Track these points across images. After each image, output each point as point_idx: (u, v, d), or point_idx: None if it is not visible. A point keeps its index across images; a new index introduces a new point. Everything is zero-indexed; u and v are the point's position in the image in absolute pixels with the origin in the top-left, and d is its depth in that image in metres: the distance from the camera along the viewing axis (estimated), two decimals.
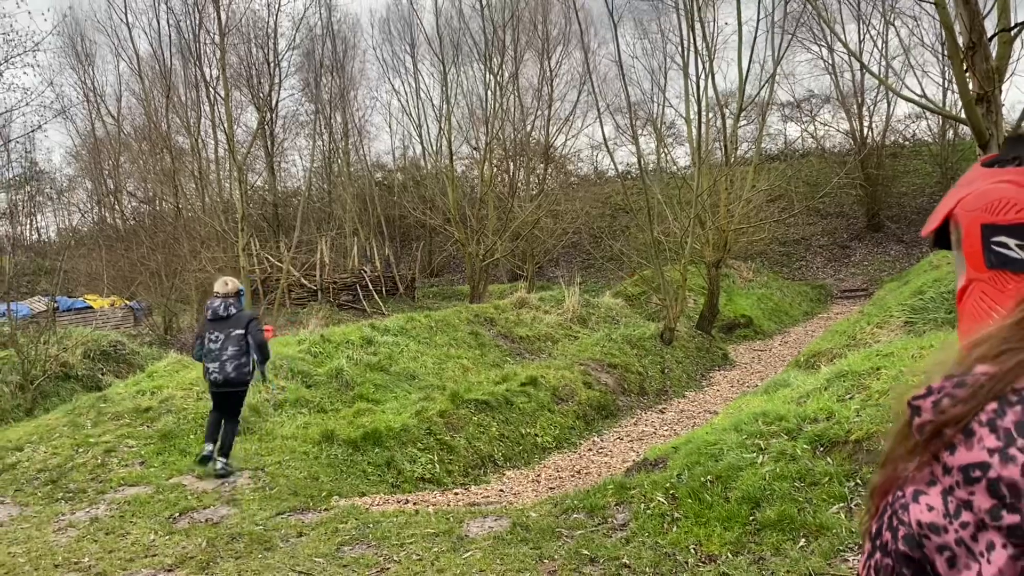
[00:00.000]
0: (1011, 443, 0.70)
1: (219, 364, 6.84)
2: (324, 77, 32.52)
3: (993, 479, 0.70)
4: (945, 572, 0.73)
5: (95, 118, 35.01)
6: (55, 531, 5.93)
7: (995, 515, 0.71)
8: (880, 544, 0.78)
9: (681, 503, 4.84)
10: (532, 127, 29.19)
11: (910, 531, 0.76)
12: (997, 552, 0.69)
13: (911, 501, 0.76)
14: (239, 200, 23.89)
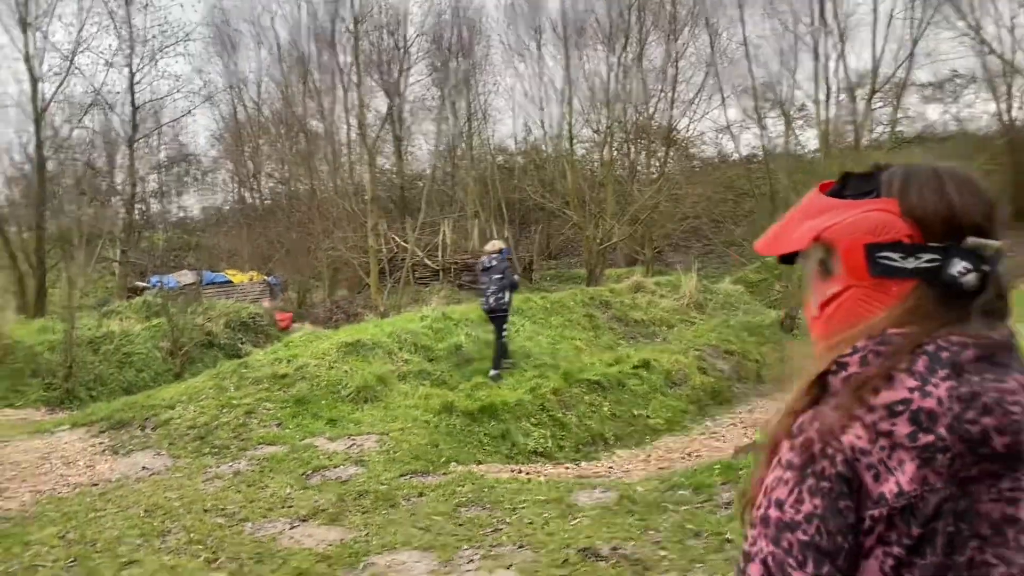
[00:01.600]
0: (926, 382, 0.98)
1: (485, 298, 10.12)
2: (450, 62, 33.24)
3: (915, 410, 0.97)
4: (871, 484, 0.98)
5: (237, 103, 37.10)
6: (203, 481, 6.58)
7: (913, 437, 0.97)
8: (816, 471, 0.99)
9: None
10: (655, 110, 28.95)
11: (846, 456, 0.98)
12: (907, 465, 0.96)
13: (840, 432, 0.99)
14: (369, 182, 24.92)
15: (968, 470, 0.97)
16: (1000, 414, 0.97)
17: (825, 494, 0.98)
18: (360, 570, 4.30)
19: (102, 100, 26.03)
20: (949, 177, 1.09)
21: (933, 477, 0.96)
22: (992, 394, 0.98)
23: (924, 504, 0.97)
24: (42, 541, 4.96)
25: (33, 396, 12.47)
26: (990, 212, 1.07)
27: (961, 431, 0.96)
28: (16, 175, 26.13)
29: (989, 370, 1.00)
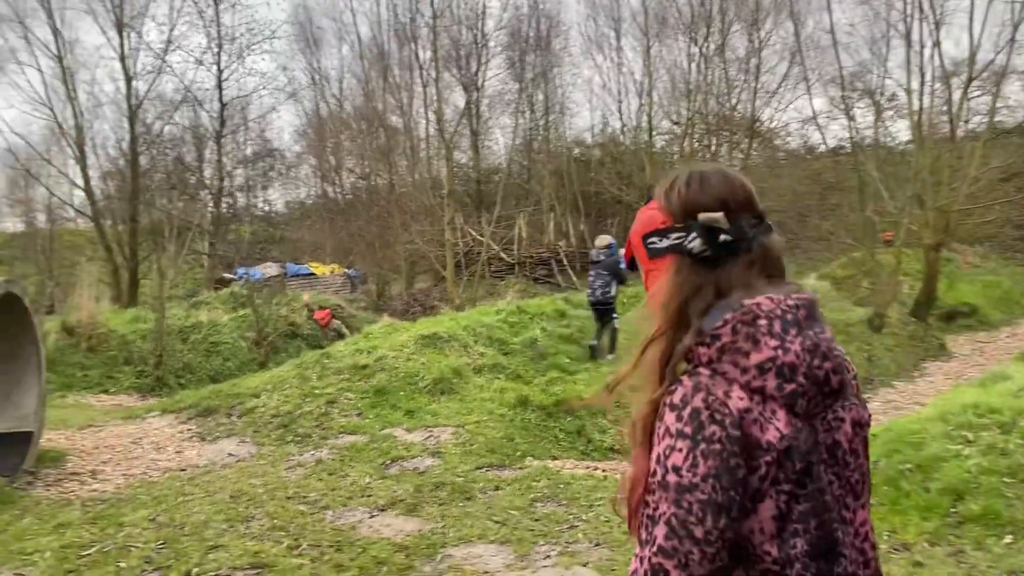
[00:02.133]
0: (783, 341, 1.18)
1: (592, 290, 10.70)
2: (528, 55, 33.21)
3: (779, 365, 1.17)
4: (759, 436, 1.15)
5: (320, 99, 37.91)
6: (286, 468, 6.73)
7: (780, 388, 1.17)
8: (707, 436, 1.14)
9: (877, 490, 4.72)
10: (737, 100, 28.33)
11: (734, 418, 1.15)
12: (780, 413, 1.16)
13: (725, 399, 1.17)
14: (446, 176, 25.14)
15: (817, 407, 1.20)
16: (832, 358, 1.21)
17: (718, 455, 1.14)
18: (437, 562, 4.32)
19: (192, 97, 26.98)
20: (690, 176, 1.33)
21: (797, 419, 1.18)
22: (824, 344, 1.22)
23: (798, 442, 1.17)
24: (134, 523, 5.15)
25: (126, 383, 13.02)
26: (725, 199, 1.29)
27: (812, 376, 1.19)
28: (111, 170, 27.31)
29: (815, 325, 1.24)
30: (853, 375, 1.31)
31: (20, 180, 39.18)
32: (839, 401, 1.24)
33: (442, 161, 28.95)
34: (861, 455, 1.27)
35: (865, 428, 1.29)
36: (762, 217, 1.32)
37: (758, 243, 1.28)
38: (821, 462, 1.20)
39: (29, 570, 4.41)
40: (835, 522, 1.21)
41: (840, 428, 1.23)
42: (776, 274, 1.29)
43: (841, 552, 1.21)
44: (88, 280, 16.46)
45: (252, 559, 4.41)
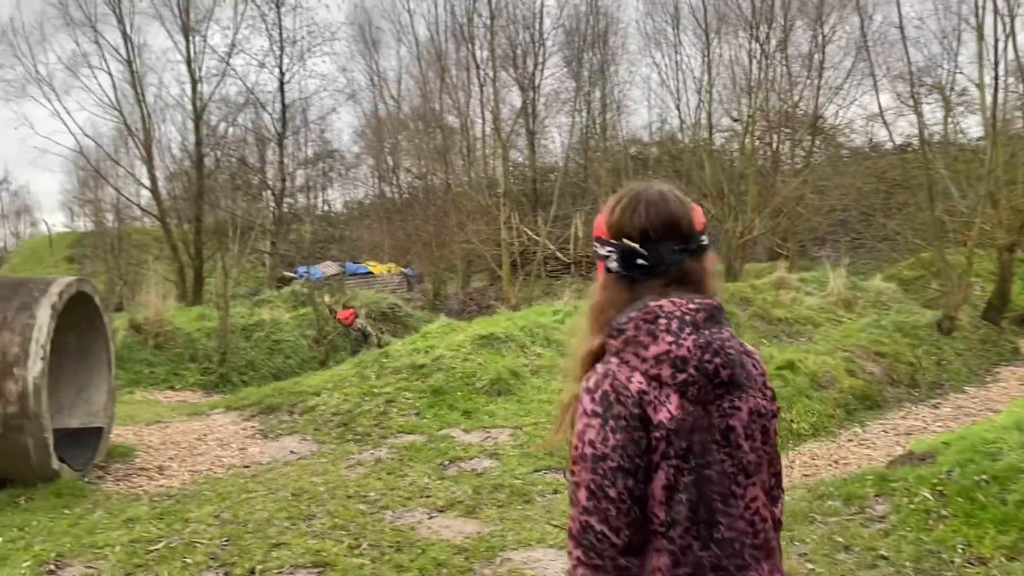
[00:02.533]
0: (678, 337, 1.39)
1: None
2: (585, 53, 33.04)
3: (673, 357, 1.38)
4: (653, 415, 1.37)
5: (378, 100, 38.31)
6: (346, 467, 6.80)
7: (673, 376, 1.38)
8: (615, 415, 1.38)
9: (950, 501, 4.55)
10: (799, 97, 27.71)
11: (635, 399, 1.38)
12: (673, 397, 1.37)
13: (627, 383, 1.39)
14: (502, 176, 25.17)
15: (707, 395, 1.40)
16: (723, 355, 1.41)
17: (623, 430, 1.38)
18: (497, 565, 4.30)
19: (255, 99, 27.51)
20: (629, 200, 1.51)
21: (689, 404, 1.39)
22: (717, 342, 1.42)
23: (686, 423, 1.38)
24: (199, 519, 5.25)
25: (191, 379, 13.35)
26: (647, 228, 1.48)
27: (702, 369, 1.39)
28: (177, 171, 28.03)
29: (713, 326, 1.44)
30: (761, 371, 1.52)
31: (90, 181, 40.57)
32: (736, 391, 1.44)
33: (498, 160, 28.99)
34: (759, 440, 1.47)
35: (765, 418, 1.48)
36: (689, 242, 1.50)
37: (676, 268, 1.48)
38: (713, 442, 1.41)
39: (100, 563, 4.52)
40: (716, 494, 1.40)
41: (736, 415, 1.43)
42: (695, 290, 1.48)
43: (720, 521, 1.40)
44: (155, 278, 16.91)
45: (314, 557, 4.45)
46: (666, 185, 1.55)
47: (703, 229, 1.53)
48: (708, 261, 1.53)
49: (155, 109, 26.23)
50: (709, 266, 1.53)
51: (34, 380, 6.23)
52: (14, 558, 4.67)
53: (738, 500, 1.42)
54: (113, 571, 4.39)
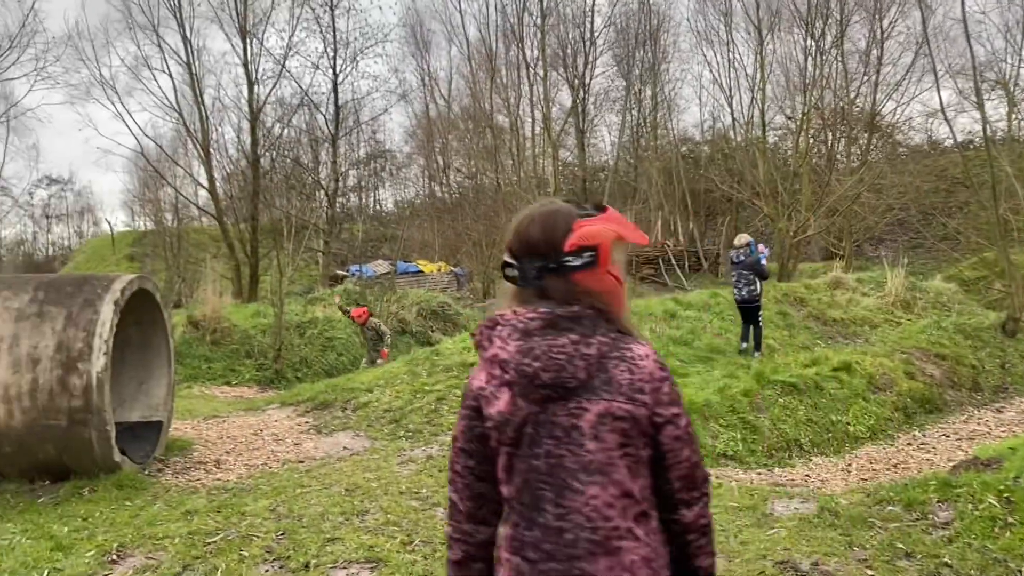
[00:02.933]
0: (506, 343, 1.58)
1: (737, 290, 10.95)
2: (636, 52, 32.81)
3: (500, 360, 1.58)
4: (486, 408, 1.60)
5: (429, 100, 38.63)
6: (398, 463, 6.85)
7: (500, 377, 1.57)
8: (463, 405, 1.68)
9: (1017, 508, 4.40)
10: (856, 94, 27.13)
11: (474, 392, 1.64)
12: (504, 394, 1.57)
13: (472, 380, 1.66)
14: (552, 175, 25.14)
15: (536, 394, 1.55)
16: (545, 360, 1.54)
17: (465, 419, 1.67)
18: None
19: (309, 101, 27.92)
20: (517, 218, 1.72)
21: (518, 400, 1.56)
22: (542, 348, 1.55)
23: (514, 417, 1.56)
24: (255, 513, 5.34)
25: (247, 375, 13.60)
26: (512, 247, 1.68)
27: (521, 371, 1.55)
28: (234, 171, 28.60)
29: (550, 333, 1.57)
30: (638, 377, 1.57)
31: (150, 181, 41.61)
32: (586, 394, 1.55)
33: (548, 159, 28.98)
34: (608, 442, 1.55)
35: (617, 420, 1.55)
36: (559, 263, 1.62)
37: (536, 283, 1.64)
38: (551, 437, 1.56)
39: (160, 555, 4.63)
40: (545, 483, 1.56)
41: (582, 416, 1.54)
42: (558, 302, 1.62)
43: (546, 508, 1.56)
44: (212, 276, 17.28)
45: (367, 553, 4.49)
46: (549, 208, 1.70)
47: (575, 249, 1.62)
48: (580, 277, 1.62)
49: (213, 111, 26.84)
50: (583, 281, 1.62)
51: (97, 375, 6.40)
52: (78, 547, 4.81)
53: (576, 494, 1.54)
54: (172, 562, 4.49)
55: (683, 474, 1.61)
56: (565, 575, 1.53)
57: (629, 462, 1.56)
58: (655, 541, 1.59)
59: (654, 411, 1.57)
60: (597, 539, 1.52)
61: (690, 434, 1.63)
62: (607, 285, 1.65)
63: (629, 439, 1.55)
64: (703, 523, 1.65)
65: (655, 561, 1.57)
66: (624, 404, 1.55)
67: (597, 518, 1.53)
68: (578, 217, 1.67)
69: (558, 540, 1.54)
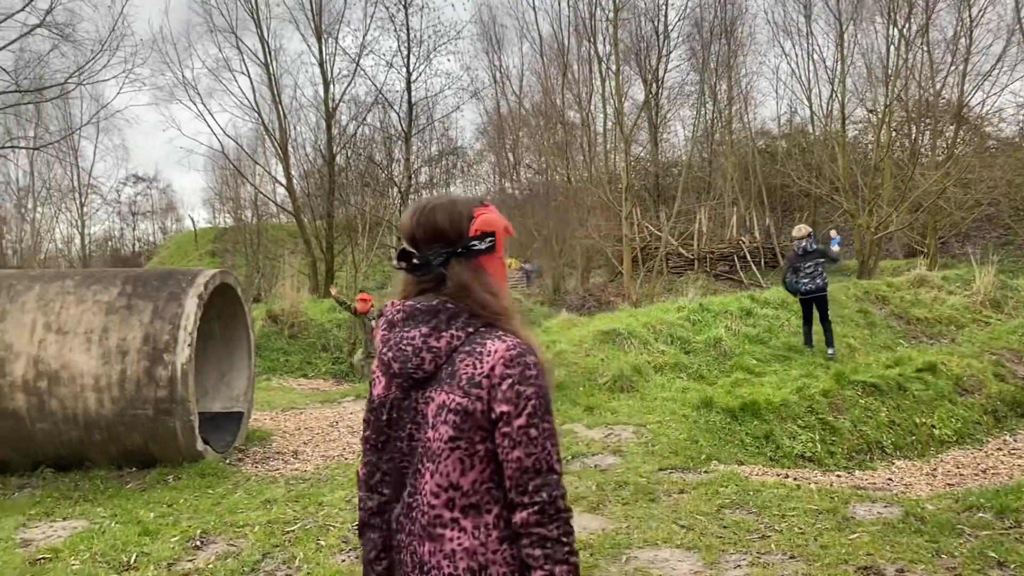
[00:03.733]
0: (380, 333, 1.70)
1: (810, 278, 10.44)
2: (712, 45, 32.26)
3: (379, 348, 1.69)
4: (373, 389, 1.74)
5: (500, 97, 38.74)
6: None
7: (379, 362, 1.70)
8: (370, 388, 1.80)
9: None
10: (942, 85, 26.08)
11: (374, 376, 1.75)
12: (382, 379, 1.70)
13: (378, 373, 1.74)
14: (624, 171, 24.91)
15: (397, 382, 1.68)
16: (395, 350, 1.66)
17: (369, 394, 1.80)
18: (623, 563, 4.25)
19: (383, 99, 28.33)
20: (412, 208, 1.76)
21: (390, 385, 1.70)
22: (396, 339, 1.67)
23: (386, 401, 1.70)
24: (332, 503, 5.45)
25: (323, 368, 13.89)
26: (412, 233, 1.72)
27: (382, 360, 1.70)
28: (310, 169, 29.23)
29: (408, 325, 1.66)
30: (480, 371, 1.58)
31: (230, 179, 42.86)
32: (434, 384, 1.63)
33: (620, 155, 28.73)
34: (442, 433, 1.59)
35: (451, 412, 1.59)
36: (467, 247, 1.68)
37: (439, 269, 1.68)
38: (412, 422, 1.67)
39: (241, 542, 4.76)
40: (404, 463, 1.69)
41: (429, 404, 1.63)
42: (451, 288, 1.67)
43: (405, 484, 1.70)
44: (290, 271, 17.69)
45: None
46: (448, 198, 1.76)
47: (479, 234, 1.70)
48: (482, 261, 1.70)
49: (290, 110, 27.49)
50: (485, 265, 1.70)
51: (182, 366, 6.63)
52: (164, 532, 4.99)
53: (421, 477, 1.64)
54: (252, 550, 4.61)
55: (511, 474, 1.56)
56: (410, 551, 1.65)
57: (461, 455, 1.58)
58: (487, 536, 1.59)
59: (489, 406, 1.57)
60: (424, 523, 1.61)
61: (528, 436, 1.55)
62: (500, 269, 1.75)
63: (461, 432, 1.57)
64: (536, 534, 1.54)
65: (482, 555, 1.57)
66: (459, 398, 1.58)
67: (425, 504, 1.61)
68: (476, 206, 1.76)
69: (409, 516, 1.65)
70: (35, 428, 6.73)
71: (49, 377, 6.67)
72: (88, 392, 6.65)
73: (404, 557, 1.66)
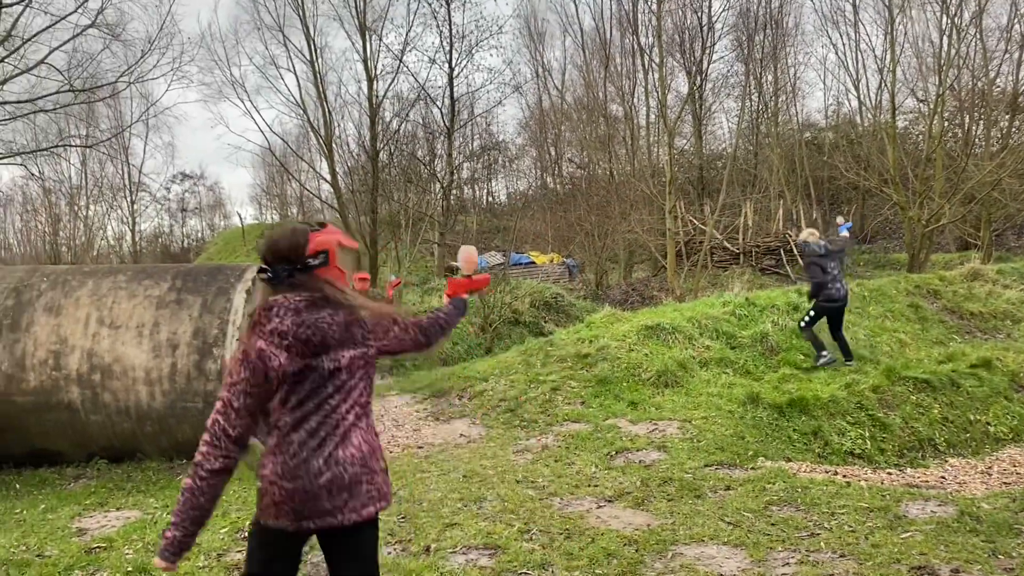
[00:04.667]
0: (282, 319, 2.33)
1: (841, 284, 9.20)
2: (757, 35, 31.78)
3: (279, 331, 2.31)
4: (269, 363, 2.29)
5: (542, 91, 38.65)
6: (514, 452, 6.90)
7: (279, 342, 2.30)
8: (248, 362, 2.29)
9: None
10: (996, 73, 25.39)
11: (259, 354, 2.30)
12: (282, 354, 2.31)
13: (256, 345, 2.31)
14: (667, 164, 24.68)
15: (308, 351, 2.32)
16: (314, 328, 2.33)
17: (250, 371, 2.28)
18: (668, 559, 4.22)
19: (425, 95, 28.45)
20: (266, 235, 2.46)
21: (292, 357, 2.30)
22: (311, 320, 2.34)
23: (291, 368, 2.30)
24: None
25: None
26: (265, 256, 2.42)
27: (299, 336, 2.31)
28: (354, 166, 29.49)
29: (312, 309, 2.36)
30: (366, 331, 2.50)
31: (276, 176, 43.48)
32: (341, 348, 2.40)
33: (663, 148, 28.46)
34: (357, 376, 2.45)
35: (365, 362, 2.49)
36: (304, 264, 2.40)
37: (290, 282, 2.39)
38: (325, 376, 2.36)
39: None
40: (327, 423, 2.37)
41: (341, 361, 2.39)
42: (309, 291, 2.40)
43: (327, 443, 2.37)
44: None
45: (485, 540, 4.54)
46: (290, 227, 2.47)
47: (313, 253, 2.41)
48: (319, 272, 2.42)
49: (335, 107, 27.73)
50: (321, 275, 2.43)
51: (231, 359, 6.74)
52: (214, 524, 5.08)
53: (350, 433, 2.42)
54: None
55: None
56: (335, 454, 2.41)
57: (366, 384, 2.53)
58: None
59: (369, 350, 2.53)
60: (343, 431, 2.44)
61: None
62: (334, 274, 2.47)
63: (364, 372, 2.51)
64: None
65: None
66: (361, 349, 2.47)
67: (370, 440, 2.51)
68: (311, 232, 2.45)
69: (339, 472, 2.39)
70: (89, 420, 6.91)
71: (102, 370, 6.83)
72: (140, 385, 6.80)
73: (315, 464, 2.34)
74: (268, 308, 2.34)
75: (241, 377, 2.28)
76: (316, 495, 2.33)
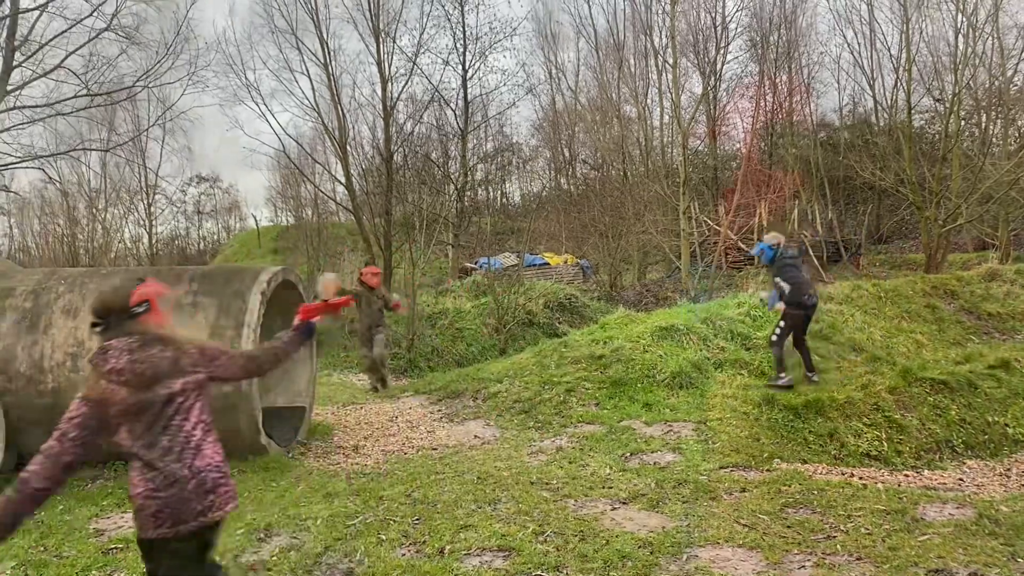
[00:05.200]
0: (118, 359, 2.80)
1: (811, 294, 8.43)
2: (771, 35, 31.64)
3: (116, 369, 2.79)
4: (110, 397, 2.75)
5: (555, 93, 38.62)
6: (528, 454, 6.90)
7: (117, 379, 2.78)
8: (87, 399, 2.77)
9: None
10: (1013, 72, 25.14)
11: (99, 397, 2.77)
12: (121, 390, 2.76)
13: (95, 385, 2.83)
14: (681, 165, 24.61)
15: (147, 383, 2.76)
16: (147, 363, 2.78)
17: (89, 407, 2.70)
18: (683, 561, 4.21)
19: (439, 97, 28.47)
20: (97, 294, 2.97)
21: (132, 391, 2.73)
22: (142, 357, 2.78)
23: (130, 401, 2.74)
24: (392, 497, 5.51)
25: None
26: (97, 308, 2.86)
27: (133, 371, 2.75)
28: (369, 168, 29.54)
29: (143, 348, 2.80)
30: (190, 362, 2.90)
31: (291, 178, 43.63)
32: (172, 377, 2.81)
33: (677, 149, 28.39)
34: (192, 398, 2.88)
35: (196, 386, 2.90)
36: (131, 313, 2.85)
37: (120, 328, 2.83)
38: (164, 402, 2.79)
39: (303, 535, 4.85)
40: (172, 429, 2.80)
41: (174, 387, 2.81)
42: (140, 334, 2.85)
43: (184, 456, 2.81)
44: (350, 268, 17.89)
45: (500, 541, 4.54)
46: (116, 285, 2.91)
47: (140, 302, 2.87)
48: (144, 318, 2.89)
49: (349, 109, 27.77)
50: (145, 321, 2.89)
51: None
52: (230, 525, 5.09)
53: (202, 445, 2.86)
54: (315, 543, 4.69)
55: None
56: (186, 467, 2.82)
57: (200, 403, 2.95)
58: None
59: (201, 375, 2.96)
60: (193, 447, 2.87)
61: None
62: (161, 320, 2.94)
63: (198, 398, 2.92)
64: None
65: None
66: (188, 377, 2.87)
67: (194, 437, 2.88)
68: (134, 286, 2.87)
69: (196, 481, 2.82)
70: None
71: None
72: None
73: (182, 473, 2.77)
74: (104, 352, 2.77)
75: (79, 412, 2.69)
76: (188, 499, 2.75)
